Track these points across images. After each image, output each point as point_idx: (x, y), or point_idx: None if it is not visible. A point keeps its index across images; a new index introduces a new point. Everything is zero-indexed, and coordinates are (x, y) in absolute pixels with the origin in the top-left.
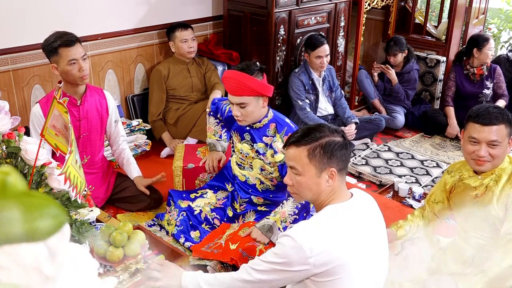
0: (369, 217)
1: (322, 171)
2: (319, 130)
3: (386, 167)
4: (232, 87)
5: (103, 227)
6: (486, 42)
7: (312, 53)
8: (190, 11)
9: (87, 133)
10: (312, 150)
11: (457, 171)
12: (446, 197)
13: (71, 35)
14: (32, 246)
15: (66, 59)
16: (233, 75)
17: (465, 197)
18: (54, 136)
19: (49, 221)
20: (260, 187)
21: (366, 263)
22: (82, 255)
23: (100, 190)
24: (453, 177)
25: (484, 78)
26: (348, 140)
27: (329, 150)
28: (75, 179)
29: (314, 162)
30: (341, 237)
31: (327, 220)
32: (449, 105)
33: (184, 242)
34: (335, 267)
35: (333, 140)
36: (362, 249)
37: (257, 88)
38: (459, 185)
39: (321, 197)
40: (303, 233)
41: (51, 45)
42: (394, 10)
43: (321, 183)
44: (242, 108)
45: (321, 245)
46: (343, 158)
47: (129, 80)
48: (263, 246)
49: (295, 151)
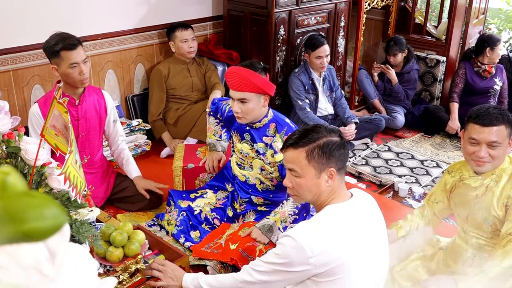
0: (369, 217)
1: (322, 171)
2: (316, 131)
3: (386, 167)
4: (235, 82)
5: (103, 227)
6: (499, 42)
7: (312, 53)
8: (190, 11)
9: (85, 132)
10: (310, 151)
11: (457, 171)
12: (446, 197)
13: (73, 38)
14: (32, 246)
15: (67, 62)
16: (237, 70)
17: (465, 197)
18: (54, 136)
19: (49, 221)
20: (260, 187)
21: (366, 263)
22: (82, 255)
23: (99, 190)
24: (453, 177)
25: (493, 75)
26: (346, 139)
27: (327, 150)
28: (75, 179)
29: (313, 163)
30: (341, 237)
31: (327, 220)
32: (454, 101)
33: (184, 242)
34: (336, 267)
35: (330, 140)
36: (362, 249)
37: (260, 85)
38: (459, 185)
39: (321, 197)
40: (303, 233)
41: (52, 48)
42: (394, 10)
43: (321, 184)
44: (243, 105)
45: (321, 245)
46: (341, 157)
47: (129, 80)
48: (263, 246)
49: (293, 153)
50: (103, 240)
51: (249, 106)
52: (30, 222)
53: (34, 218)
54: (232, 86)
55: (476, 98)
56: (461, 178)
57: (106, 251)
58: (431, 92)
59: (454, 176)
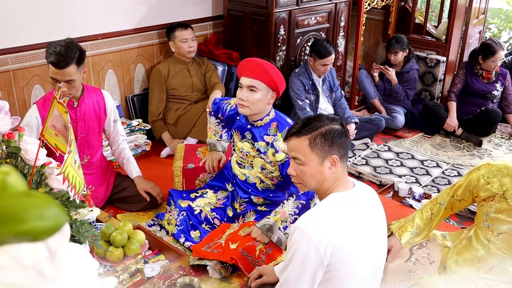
0: (371, 207)
1: (325, 158)
2: (318, 120)
3: (386, 167)
4: (250, 69)
5: (103, 227)
6: (491, 55)
7: (319, 61)
8: (190, 11)
9: (84, 134)
10: (313, 139)
11: (498, 182)
12: (472, 198)
13: (67, 58)
14: (32, 246)
15: (50, 74)
16: (255, 59)
17: (508, 217)
18: (54, 136)
19: (49, 221)
20: (260, 186)
21: (365, 252)
22: (82, 255)
23: (99, 190)
24: (492, 186)
25: (494, 80)
26: (346, 127)
27: (329, 137)
28: (73, 179)
29: (316, 150)
30: (344, 225)
31: (332, 209)
32: (452, 100)
33: (184, 242)
34: (338, 255)
35: (332, 128)
36: (363, 238)
37: (274, 77)
38: (502, 200)
39: (325, 184)
40: (311, 223)
41: (47, 53)
42: (394, 10)
43: (324, 171)
44: (251, 93)
45: (328, 234)
46: (343, 145)
47: (129, 80)
48: (263, 246)
49: (296, 141)
50: (103, 240)
51: (256, 96)
52: (30, 222)
53: (34, 218)
54: (245, 72)
55: (473, 100)
56: (504, 194)
57: (106, 251)
58: (431, 92)
59: (493, 186)
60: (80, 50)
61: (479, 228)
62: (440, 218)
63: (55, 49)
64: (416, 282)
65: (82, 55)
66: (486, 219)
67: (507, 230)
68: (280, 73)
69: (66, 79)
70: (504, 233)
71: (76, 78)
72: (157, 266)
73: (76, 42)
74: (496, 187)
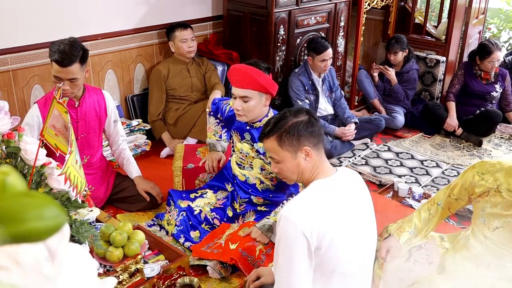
0: (355, 191)
1: (296, 152)
2: (282, 117)
3: (386, 167)
4: (238, 79)
5: (103, 227)
6: (487, 55)
7: (317, 57)
8: (190, 11)
9: (85, 134)
10: (280, 137)
11: (491, 176)
12: (468, 196)
13: (71, 56)
14: (32, 246)
15: (53, 72)
16: (241, 67)
17: (502, 211)
18: (54, 136)
19: (49, 221)
20: (260, 186)
21: (352, 238)
22: (82, 255)
23: (99, 190)
24: (486, 182)
25: (492, 81)
26: (314, 115)
27: (295, 132)
28: (75, 179)
29: (285, 147)
30: (327, 211)
31: (313, 195)
32: (451, 100)
33: (184, 242)
34: (323, 240)
35: (296, 121)
36: (348, 223)
37: (264, 83)
38: (495, 195)
39: (305, 175)
40: (293, 210)
41: (51, 51)
42: (394, 10)
43: (300, 163)
44: (245, 103)
45: (310, 220)
46: (313, 134)
47: (128, 80)
48: (263, 246)
49: (267, 143)
50: (103, 240)
51: (250, 104)
52: (30, 222)
53: (34, 218)
54: (235, 83)
55: (472, 100)
56: (498, 188)
57: (106, 251)
58: (431, 92)
59: (488, 181)
60: (83, 49)
61: (475, 226)
62: (439, 218)
63: (59, 47)
64: (415, 281)
65: (86, 54)
66: (482, 214)
67: (503, 224)
68: (268, 76)
69: (69, 78)
70: (500, 227)
71: (79, 77)
72: (157, 266)
73: (79, 41)
74: (490, 181)
